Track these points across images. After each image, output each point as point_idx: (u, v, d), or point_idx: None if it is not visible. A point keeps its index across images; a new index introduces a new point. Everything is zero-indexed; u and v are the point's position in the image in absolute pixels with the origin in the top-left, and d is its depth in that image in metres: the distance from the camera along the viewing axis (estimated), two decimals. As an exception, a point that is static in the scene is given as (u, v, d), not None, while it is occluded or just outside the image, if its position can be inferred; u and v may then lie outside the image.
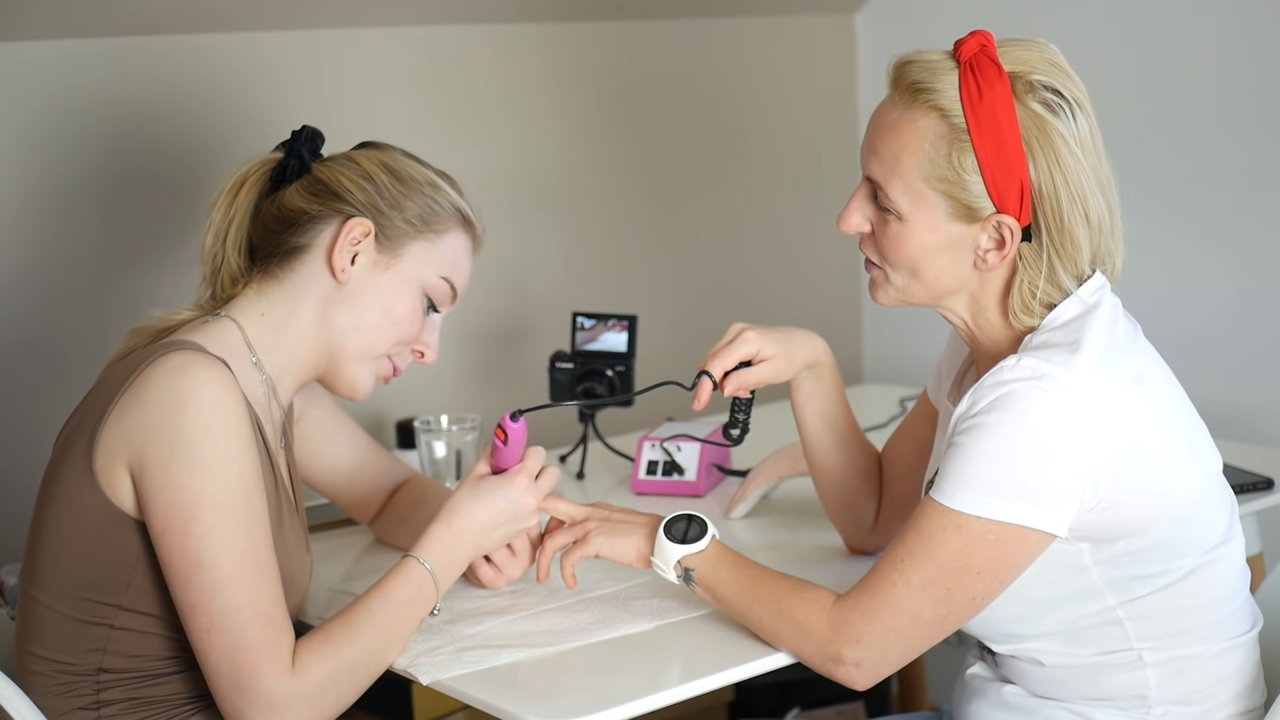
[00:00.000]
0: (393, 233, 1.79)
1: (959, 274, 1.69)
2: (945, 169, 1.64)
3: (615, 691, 1.63)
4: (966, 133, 1.63)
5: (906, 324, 3.15)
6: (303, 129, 1.83)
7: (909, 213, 1.66)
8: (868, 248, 1.73)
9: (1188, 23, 2.72)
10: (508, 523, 1.79)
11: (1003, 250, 1.66)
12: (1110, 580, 1.67)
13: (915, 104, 1.65)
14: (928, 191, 1.65)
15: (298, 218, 1.78)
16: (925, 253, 1.68)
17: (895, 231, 1.68)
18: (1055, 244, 1.66)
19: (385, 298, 1.79)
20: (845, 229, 1.73)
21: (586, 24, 2.85)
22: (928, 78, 1.65)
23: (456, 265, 1.84)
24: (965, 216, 1.65)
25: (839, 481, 1.97)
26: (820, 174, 3.19)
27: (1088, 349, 1.62)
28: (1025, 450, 1.59)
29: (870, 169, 1.70)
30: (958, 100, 1.63)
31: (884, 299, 1.74)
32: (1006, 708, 1.78)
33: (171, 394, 1.63)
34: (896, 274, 1.71)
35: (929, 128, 1.64)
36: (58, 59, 2.29)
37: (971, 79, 1.63)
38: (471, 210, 1.85)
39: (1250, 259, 2.70)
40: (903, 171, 1.65)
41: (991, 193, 1.63)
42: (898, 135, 1.66)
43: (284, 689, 1.61)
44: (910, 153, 1.65)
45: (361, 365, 1.81)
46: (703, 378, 1.84)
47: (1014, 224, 1.64)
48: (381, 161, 1.82)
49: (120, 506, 1.66)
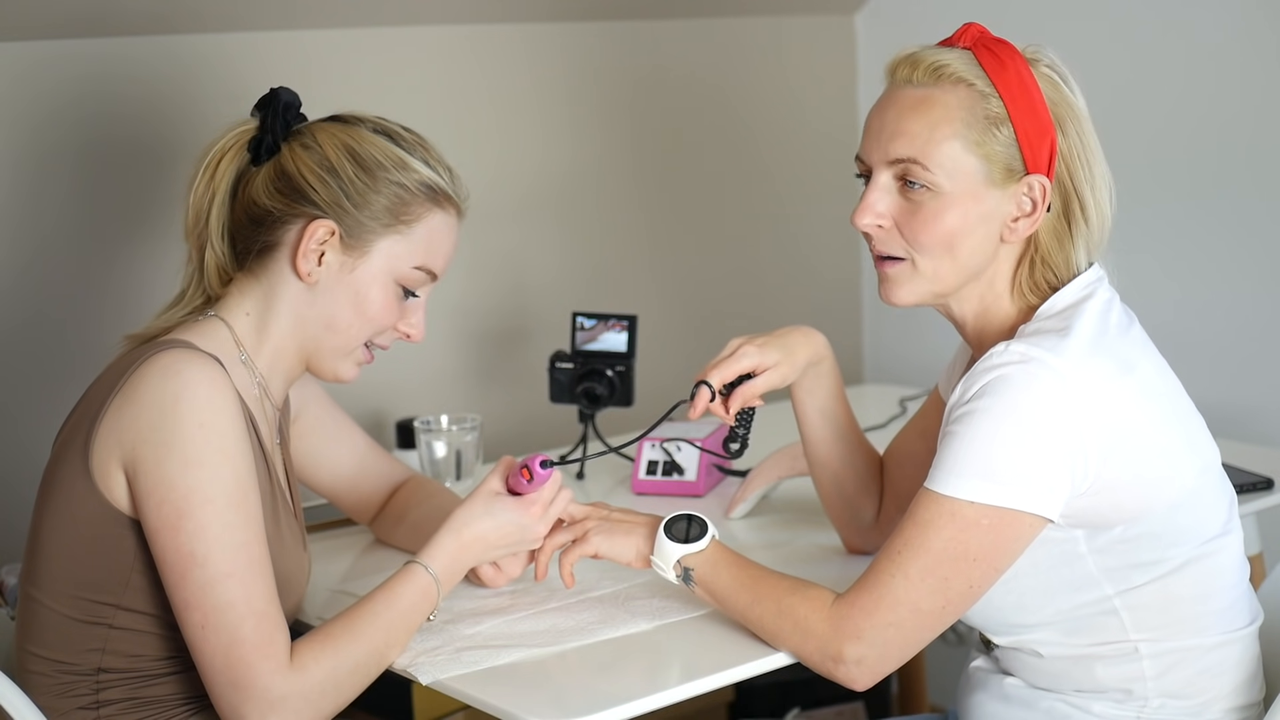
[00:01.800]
0: (359, 230, 1.75)
1: (986, 251, 1.70)
2: (982, 131, 1.67)
3: (615, 691, 1.63)
4: (998, 96, 1.67)
5: (906, 324, 3.15)
6: (276, 94, 1.78)
7: (948, 184, 1.67)
8: (889, 242, 1.72)
9: (1186, 26, 2.72)
10: (514, 544, 1.80)
11: (1033, 215, 1.69)
12: (1106, 569, 1.68)
13: (940, 81, 1.68)
14: (966, 159, 1.67)
15: (263, 216, 1.76)
16: (965, 224, 1.68)
17: (933, 209, 1.68)
18: (1085, 215, 1.70)
19: (356, 296, 1.77)
20: (865, 222, 1.71)
21: (584, 24, 2.85)
22: (946, 59, 1.69)
23: (432, 250, 1.79)
24: (1003, 179, 1.68)
25: (839, 478, 1.98)
26: (820, 174, 3.19)
27: (1077, 334, 1.64)
28: (1014, 434, 1.60)
29: (895, 150, 1.69)
30: (982, 72, 1.68)
31: (906, 295, 1.73)
32: (1007, 700, 1.79)
33: (164, 392, 1.63)
34: (928, 258, 1.70)
35: (960, 97, 1.67)
36: (58, 58, 2.29)
37: (988, 53, 1.69)
38: (446, 179, 1.79)
39: (1250, 259, 2.70)
40: (940, 140, 1.67)
41: (1025, 152, 1.67)
42: (928, 111, 1.68)
43: (280, 685, 1.61)
44: (945, 121, 1.67)
45: (340, 360, 1.80)
46: (701, 388, 1.84)
47: (1047, 183, 1.68)
48: (347, 147, 1.75)
49: (116, 506, 1.66)
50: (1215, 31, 2.69)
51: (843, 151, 3.18)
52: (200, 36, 2.42)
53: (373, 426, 2.60)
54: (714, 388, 1.84)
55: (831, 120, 3.20)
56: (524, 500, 1.79)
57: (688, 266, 3.04)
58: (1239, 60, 2.67)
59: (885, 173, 1.71)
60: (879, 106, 1.73)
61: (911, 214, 1.69)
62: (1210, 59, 2.70)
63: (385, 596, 1.70)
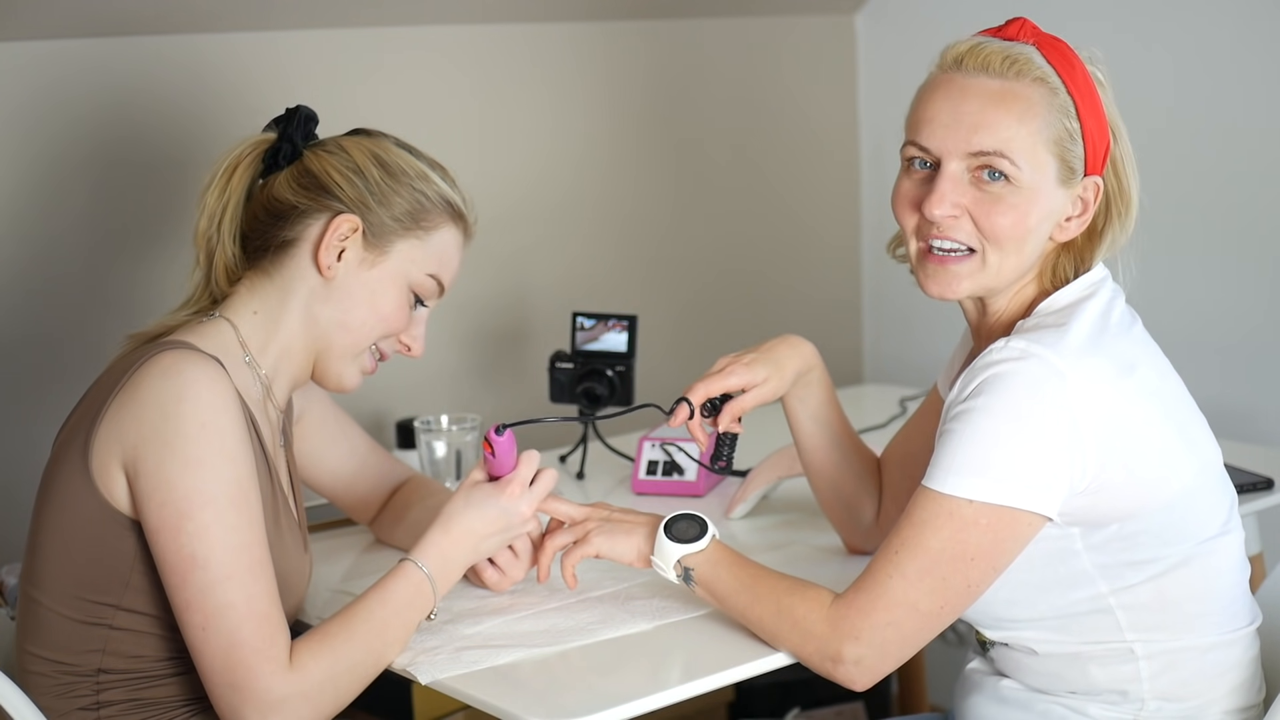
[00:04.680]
0: (381, 230, 1.78)
1: (1042, 247, 1.73)
2: (1061, 131, 1.68)
3: (615, 691, 1.63)
4: (1069, 95, 1.68)
5: (906, 324, 3.15)
6: (296, 109, 1.82)
7: (1029, 179, 1.68)
8: (960, 231, 1.69)
9: (1191, 24, 2.72)
10: (503, 530, 1.79)
11: (1084, 216, 1.71)
12: (1101, 566, 1.68)
13: (1019, 76, 1.68)
14: (1046, 156, 1.68)
15: (286, 211, 1.78)
16: (1038, 219, 1.69)
17: (1012, 202, 1.68)
18: (1124, 215, 1.73)
19: (372, 295, 1.79)
20: (940, 212, 1.68)
21: (584, 24, 2.85)
22: (1021, 53, 1.69)
23: (444, 261, 1.83)
24: (1067, 179, 1.70)
25: (836, 483, 1.98)
26: (820, 174, 3.19)
27: (1075, 331, 1.64)
28: (1012, 431, 1.60)
29: (979, 143, 1.66)
30: (1053, 70, 1.68)
31: (968, 287, 1.71)
32: (1003, 701, 1.78)
33: (164, 392, 1.63)
34: (998, 252, 1.69)
35: (1041, 95, 1.68)
36: (68, 58, 2.29)
37: (1054, 51, 1.70)
38: (463, 201, 1.84)
39: (1250, 259, 2.70)
40: (1025, 136, 1.67)
41: (1089, 154, 1.69)
42: (1011, 105, 1.67)
43: (280, 686, 1.61)
44: (1031, 117, 1.67)
45: (347, 362, 1.81)
46: (681, 403, 1.86)
47: (1101, 184, 1.71)
48: (372, 153, 1.80)
49: (116, 506, 1.66)
50: (1220, 29, 2.69)
51: (843, 151, 3.21)
52: (205, 36, 2.42)
53: (373, 426, 2.60)
54: (693, 406, 1.85)
55: (831, 120, 3.20)
56: (500, 483, 1.79)
57: (688, 266, 3.05)
58: (1240, 59, 2.67)
59: (959, 163, 1.68)
60: (948, 95, 1.69)
61: (989, 205, 1.68)
62: (1213, 58, 2.70)
63: (378, 595, 1.71)
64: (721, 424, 1.88)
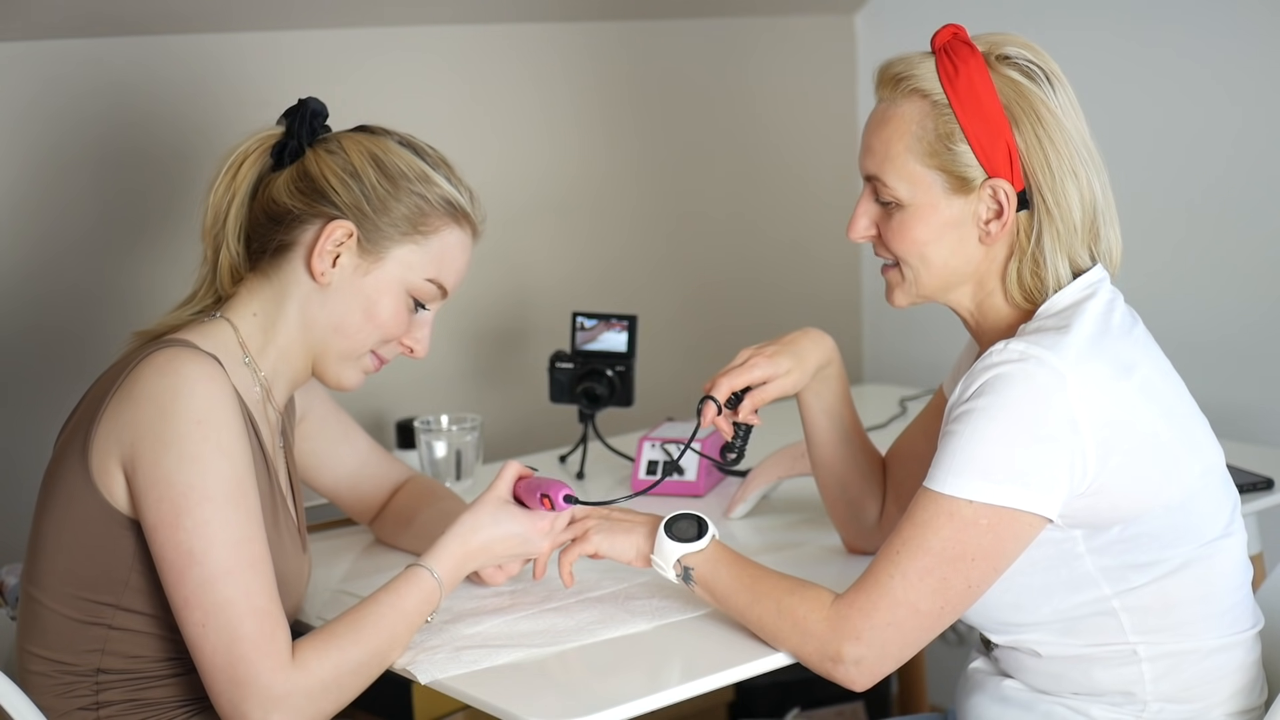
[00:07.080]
0: (376, 236, 1.76)
1: (966, 254, 1.72)
2: (934, 143, 1.69)
3: (615, 691, 1.63)
4: (948, 105, 1.68)
5: (906, 324, 3.15)
6: (305, 103, 1.80)
7: (908, 197, 1.71)
8: (881, 249, 1.77)
9: (1191, 26, 2.72)
10: (516, 553, 1.80)
11: (1002, 218, 1.70)
12: (1104, 569, 1.68)
13: (899, 93, 1.71)
14: (923, 171, 1.70)
15: (283, 215, 1.77)
16: (931, 234, 1.71)
17: (899, 220, 1.72)
18: (1049, 211, 1.70)
19: (367, 301, 1.77)
20: (854, 236, 1.77)
21: (583, 24, 2.85)
22: (906, 68, 1.72)
23: (445, 264, 1.80)
24: (961, 188, 1.70)
25: (843, 480, 1.98)
26: (820, 174, 3.19)
27: (1076, 333, 1.64)
28: (1012, 432, 1.60)
29: (866, 167, 1.75)
30: (937, 80, 1.69)
31: (901, 299, 1.78)
32: (1005, 702, 1.78)
33: (161, 389, 1.63)
34: (909, 266, 1.75)
35: (913, 110, 1.70)
36: (71, 57, 2.29)
37: (946, 59, 1.70)
38: (466, 199, 1.81)
39: (1250, 259, 2.70)
40: (895, 156, 1.70)
41: (981, 159, 1.68)
42: (886, 125, 1.72)
43: (282, 683, 1.60)
44: (899, 137, 1.70)
45: (345, 365, 1.81)
46: (707, 403, 1.87)
47: (1008, 187, 1.69)
48: (371, 154, 1.77)
49: (115, 505, 1.66)
50: (1221, 34, 2.69)
51: (843, 151, 3.20)
52: (206, 36, 2.42)
53: (373, 426, 2.60)
54: (719, 403, 1.87)
55: (831, 120, 3.20)
56: (534, 515, 1.79)
57: (688, 266, 3.05)
58: (1242, 59, 2.67)
59: (868, 187, 1.76)
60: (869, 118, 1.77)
61: (886, 224, 1.75)
62: (1214, 61, 2.70)
63: (390, 598, 1.70)
64: (742, 413, 1.89)
